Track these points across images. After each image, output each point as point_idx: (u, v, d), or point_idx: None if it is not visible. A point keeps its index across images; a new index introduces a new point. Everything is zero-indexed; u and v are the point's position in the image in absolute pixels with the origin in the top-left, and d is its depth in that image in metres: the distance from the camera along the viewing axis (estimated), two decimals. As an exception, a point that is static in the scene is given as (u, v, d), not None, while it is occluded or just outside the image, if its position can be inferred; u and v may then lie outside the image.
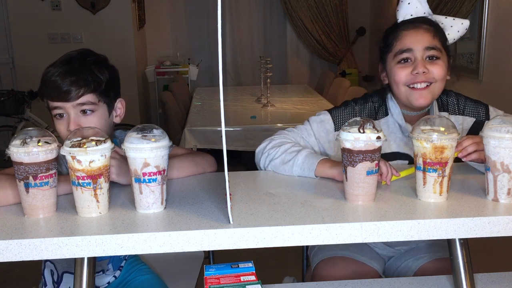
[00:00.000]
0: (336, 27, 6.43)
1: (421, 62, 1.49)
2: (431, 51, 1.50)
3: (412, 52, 1.50)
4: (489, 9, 4.24)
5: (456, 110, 1.64)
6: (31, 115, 4.73)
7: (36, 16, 5.20)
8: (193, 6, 6.39)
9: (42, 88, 1.45)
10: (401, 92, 1.53)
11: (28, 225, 1.12)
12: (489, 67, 4.30)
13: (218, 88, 1.00)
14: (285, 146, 1.50)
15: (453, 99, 1.65)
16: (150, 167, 1.14)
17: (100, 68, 1.47)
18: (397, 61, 1.53)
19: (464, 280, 1.22)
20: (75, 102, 1.41)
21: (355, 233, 1.09)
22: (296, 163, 1.44)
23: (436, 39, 1.51)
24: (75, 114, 1.42)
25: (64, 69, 1.41)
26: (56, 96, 1.41)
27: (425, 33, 1.51)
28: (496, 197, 1.20)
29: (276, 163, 1.48)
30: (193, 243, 1.06)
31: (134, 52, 5.48)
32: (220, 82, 0.98)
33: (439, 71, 1.50)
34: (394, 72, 1.53)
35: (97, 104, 1.45)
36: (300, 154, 1.45)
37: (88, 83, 1.42)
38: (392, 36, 1.55)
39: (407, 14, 1.55)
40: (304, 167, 1.42)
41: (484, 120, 1.61)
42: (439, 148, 1.17)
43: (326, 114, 1.64)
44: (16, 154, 1.13)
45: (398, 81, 1.52)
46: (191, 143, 3.86)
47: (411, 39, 1.51)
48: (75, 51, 1.49)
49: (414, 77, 1.50)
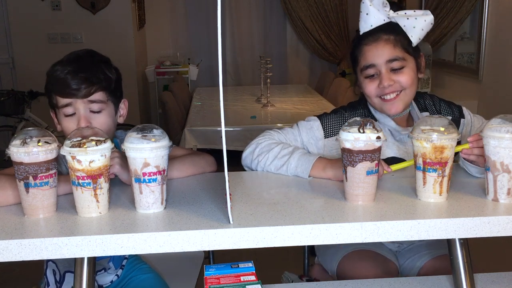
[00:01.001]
0: (336, 27, 6.43)
1: (386, 75, 1.52)
2: (394, 63, 1.52)
3: (375, 67, 1.54)
4: (489, 9, 4.24)
5: (434, 110, 1.67)
6: (31, 115, 4.73)
7: (36, 16, 5.20)
8: (193, 6, 6.38)
9: (51, 85, 1.45)
10: (375, 103, 1.59)
11: (28, 225, 1.12)
12: (489, 67, 4.31)
13: (218, 88, 1.00)
14: (274, 150, 1.48)
15: (429, 101, 1.69)
16: (150, 167, 1.14)
17: (109, 67, 1.50)
18: (364, 76, 1.57)
19: (464, 280, 1.22)
20: (87, 98, 1.43)
21: (355, 233, 1.09)
22: (289, 167, 1.43)
23: (398, 48, 1.52)
24: (85, 111, 1.43)
25: (75, 67, 1.43)
26: (68, 92, 1.42)
27: (385, 45, 1.52)
28: (496, 197, 1.20)
29: (271, 170, 1.47)
30: (193, 243, 1.06)
31: (134, 52, 5.49)
32: (220, 82, 0.98)
33: (405, 79, 1.53)
34: (364, 86, 1.58)
35: (106, 102, 1.47)
36: (292, 158, 1.43)
37: (100, 81, 1.44)
38: (357, 50, 1.58)
39: (367, 25, 1.53)
40: (298, 171, 1.41)
41: (459, 119, 1.66)
42: (439, 148, 1.17)
43: (316, 120, 1.62)
44: (16, 154, 1.13)
45: (369, 94, 1.57)
46: (191, 143, 3.86)
47: (373, 54, 1.53)
48: (79, 51, 1.50)
49: (382, 90, 1.54)
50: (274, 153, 1.47)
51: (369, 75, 1.55)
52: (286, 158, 1.44)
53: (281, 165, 1.44)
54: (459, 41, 4.98)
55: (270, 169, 1.47)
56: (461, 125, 1.65)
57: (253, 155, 1.51)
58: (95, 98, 1.44)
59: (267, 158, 1.47)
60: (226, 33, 6.52)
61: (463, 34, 4.97)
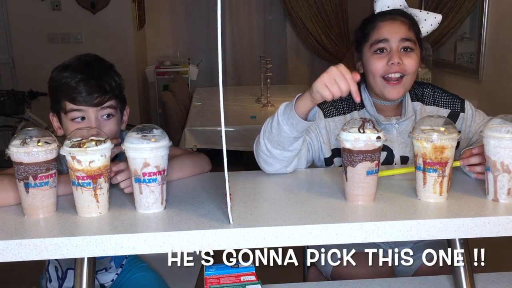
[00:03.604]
0: (336, 27, 6.43)
1: (396, 52, 1.54)
2: (406, 43, 1.55)
3: (388, 42, 1.55)
4: (489, 9, 4.24)
5: (431, 101, 1.68)
6: (31, 115, 4.73)
7: (36, 16, 5.19)
8: (193, 6, 6.38)
9: (60, 91, 1.42)
10: (377, 83, 1.58)
11: (28, 225, 1.12)
12: (489, 67, 4.30)
13: (218, 88, 1.00)
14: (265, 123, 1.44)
15: (429, 90, 1.70)
16: (150, 167, 1.14)
17: (117, 74, 1.49)
18: (373, 51, 1.57)
19: (464, 280, 1.22)
20: (99, 107, 1.42)
21: (355, 233, 1.09)
22: (279, 119, 1.36)
23: (411, 31, 1.57)
24: (96, 119, 1.42)
25: (87, 74, 1.41)
26: (81, 100, 1.40)
27: (401, 24, 1.56)
28: (496, 197, 1.20)
29: (267, 131, 1.41)
30: (193, 243, 1.06)
31: (134, 52, 5.48)
32: (220, 82, 0.98)
33: (411, 64, 1.55)
34: (370, 63, 1.58)
35: (116, 109, 1.47)
36: (278, 111, 1.38)
37: (112, 89, 1.44)
38: (370, 26, 1.59)
39: (384, 5, 1.60)
40: (286, 117, 1.36)
41: (459, 113, 1.66)
42: (439, 148, 1.17)
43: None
44: (16, 154, 1.13)
45: (375, 72, 1.57)
46: (191, 143, 3.86)
47: (388, 29, 1.55)
48: (85, 56, 1.48)
49: (389, 68, 1.55)
50: (265, 124, 1.44)
51: (379, 49, 1.56)
52: (274, 115, 1.40)
53: (270, 122, 1.39)
54: (459, 41, 4.98)
55: (265, 137, 1.42)
56: (460, 119, 1.65)
57: (255, 142, 1.48)
58: (109, 105, 1.44)
59: (263, 130, 1.43)
60: (226, 33, 6.51)
61: (463, 34, 4.97)
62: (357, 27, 1.65)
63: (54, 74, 1.45)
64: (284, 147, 1.40)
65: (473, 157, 1.34)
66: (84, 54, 1.50)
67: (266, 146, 1.42)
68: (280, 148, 1.40)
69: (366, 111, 1.64)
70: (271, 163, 1.44)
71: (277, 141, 1.39)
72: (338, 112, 1.63)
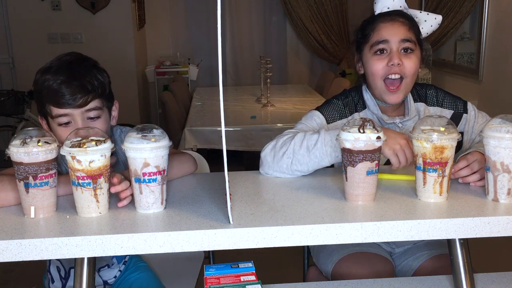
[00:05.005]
0: (336, 27, 6.43)
1: (396, 53, 1.54)
2: (406, 43, 1.55)
3: (388, 43, 1.55)
4: (489, 9, 4.24)
5: (435, 102, 1.68)
6: (31, 115, 4.73)
7: (36, 16, 5.20)
8: (193, 6, 6.38)
9: (43, 95, 1.41)
10: (377, 85, 1.58)
11: (28, 225, 1.12)
12: (489, 67, 4.30)
13: (218, 88, 1.00)
14: (298, 136, 1.43)
15: (432, 91, 1.70)
16: (150, 167, 1.14)
17: (101, 71, 1.46)
18: (374, 52, 1.57)
19: (464, 280, 1.22)
20: (84, 108, 1.39)
21: (355, 233, 1.09)
22: (325, 140, 1.38)
23: (411, 32, 1.57)
24: (82, 121, 1.40)
25: (67, 75, 1.38)
26: (64, 103, 1.38)
27: (401, 25, 1.56)
28: (496, 197, 1.20)
29: (303, 153, 1.40)
30: (193, 243, 1.06)
31: (134, 52, 5.48)
32: (220, 82, 0.98)
33: (411, 66, 1.55)
34: (370, 64, 1.58)
35: (102, 109, 1.44)
36: (321, 132, 1.40)
37: (95, 88, 1.41)
38: (370, 27, 1.59)
39: (384, 7, 1.60)
40: (332, 135, 1.38)
41: (462, 113, 1.66)
42: (439, 148, 1.17)
43: (315, 111, 1.65)
44: (16, 154, 1.13)
45: (375, 73, 1.57)
46: (191, 143, 3.86)
47: (388, 30, 1.55)
48: (67, 56, 1.45)
49: (389, 69, 1.55)
50: (299, 137, 1.43)
51: (379, 50, 1.56)
52: (316, 135, 1.40)
53: (315, 141, 1.39)
54: (459, 41, 4.98)
55: (299, 154, 1.40)
56: (463, 119, 1.66)
57: (275, 150, 1.44)
58: (93, 106, 1.41)
59: (294, 143, 1.42)
60: (226, 33, 6.51)
61: (463, 34, 4.96)
62: (357, 28, 1.66)
63: (37, 77, 1.42)
64: (308, 170, 1.43)
65: (462, 170, 1.33)
66: (66, 54, 1.46)
67: (289, 166, 1.42)
68: (305, 171, 1.43)
69: (369, 111, 1.64)
70: (279, 176, 1.45)
71: (307, 163, 1.41)
72: (340, 115, 1.63)
